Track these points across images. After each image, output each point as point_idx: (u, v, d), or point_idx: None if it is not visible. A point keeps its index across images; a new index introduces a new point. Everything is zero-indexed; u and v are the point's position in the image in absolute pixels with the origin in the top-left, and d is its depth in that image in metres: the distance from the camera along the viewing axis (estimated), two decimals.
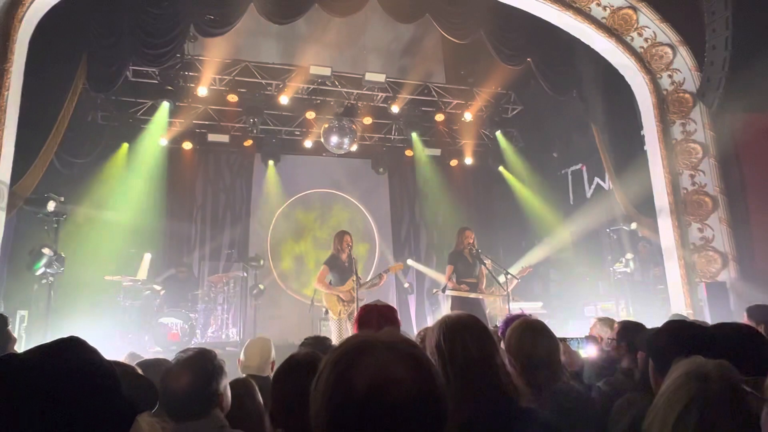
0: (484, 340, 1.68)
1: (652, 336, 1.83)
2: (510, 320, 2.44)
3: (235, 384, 2.38)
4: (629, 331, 2.69)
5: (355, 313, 6.21)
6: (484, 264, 6.85)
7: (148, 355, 6.14)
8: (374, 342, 0.90)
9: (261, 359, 2.93)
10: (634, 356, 2.35)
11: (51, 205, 5.94)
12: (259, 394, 2.44)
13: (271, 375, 2.83)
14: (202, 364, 2.02)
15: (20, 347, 5.51)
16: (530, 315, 2.61)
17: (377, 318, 2.65)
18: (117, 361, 1.71)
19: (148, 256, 8.28)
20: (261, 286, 9.06)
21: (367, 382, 0.84)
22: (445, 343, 1.67)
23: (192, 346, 2.17)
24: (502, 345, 2.14)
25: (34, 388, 0.86)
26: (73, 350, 0.95)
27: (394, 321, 2.72)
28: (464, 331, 1.69)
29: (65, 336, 0.98)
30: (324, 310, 6.88)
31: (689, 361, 1.19)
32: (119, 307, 7.62)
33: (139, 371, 1.89)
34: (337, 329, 6.39)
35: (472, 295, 6.64)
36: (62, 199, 6.15)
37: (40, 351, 0.93)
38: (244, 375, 2.80)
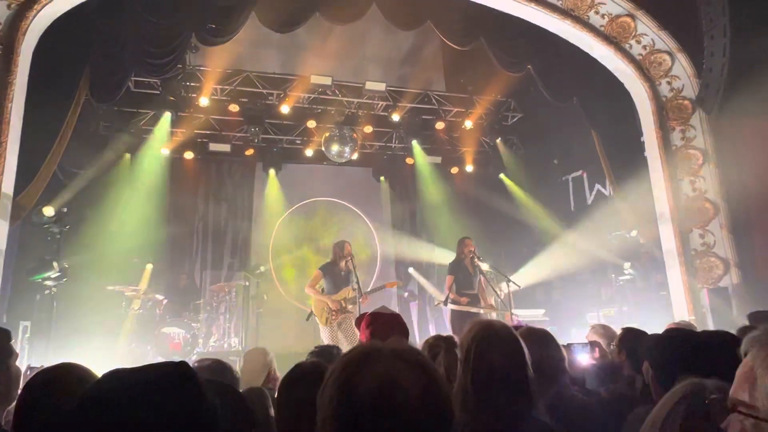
0: (515, 352, 1.67)
1: (651, 345, 1.84)
2: None
3: (249, 393, 2.38)
4: (630, 338, 2.68)
5: (349, 321, 6.26)
6: (484, 275, 6.82)
7: None
8: (380, 350, 0.92)
9: (253, 374, 2.90)
10: (636, 363, 2.36)
11: (49, 210, 5.95)
12: (272, 405, 2.43)
13: (272, 385, 2.83)
14: (222, 376, 2.01)
15: (23, 358, 5.52)
16: (526, 324, 2.61)
17: (385, 326, 2.65)
18: (221, 384, 1.65)
19: (149, 267, 8.30)
20: (265, 297, 9.05)
21: (373, 389, 0.85)
22: (474, 351, 1.66)
23: (194, 357, 2.17)
24: None
25: (137, 418, 0.81)
26: (183, 382, 0.88)
27: (403, 329, 2.72)
28: (496, 342, 1.68)
29: (175, 361, 0.92)
30: (313, 314, 6.83)
31: (691, 380, 1.20)
32: (122, 317, 7.62)
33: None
34: (329, 337, 6.36)
35: (474, 310, 6.59)
36: (65, 209, 6.18)
37: (152, 377, 0.87)
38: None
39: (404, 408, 0.85)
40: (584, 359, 3.02)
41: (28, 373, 2.74)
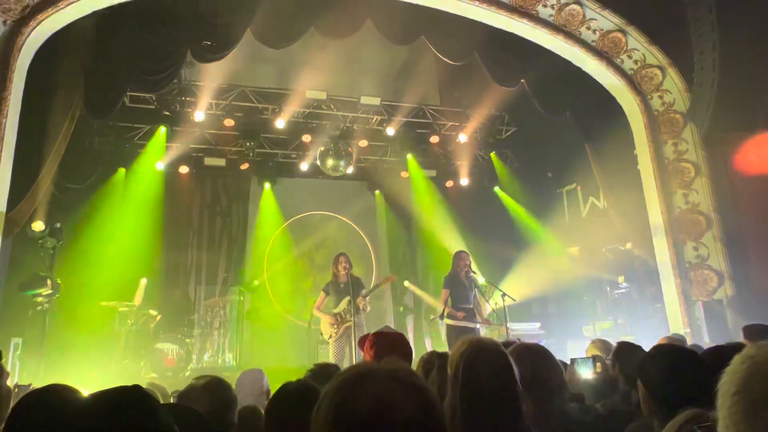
0: (503, 369, 1.67)
1: (642, 361, 1.84)
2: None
3: (243, 412, 2.36)
4: (625, 353, 2.68)
5: (352, 336, 6.23)
6: (479, 288, 6.81)
7: (143, 381, 6.07)
8: (376, 371, 0.92)
9: (252, 396, 2.88)
10: (630, 377, 2.35)
11: (38, 225, 5.91)
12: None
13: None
14: (220, 393, 1.99)
15: (14, 376, 5.44)
16: (518, 339, 2.60)
17: (389, 346, 2.63)
18: (187, 408, 1.67)
19: (144, 281, 8.24)
20: (260, 312, 9.00)
21: (368, 409, 0.85)
22: (463, 368, 1.67)
23: (200, 372, 2.15)
24: None
25: None
26: (136, 405, 0.91)
27: (407, 348, 2.70)
28: (484, 358, 1.68)
29: (128, 385, 0.94)
30: (321, 333, 6.85)
31: (693, 410, 1.19)
32: (115, 333, 7.55)
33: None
34: (333, 351, 6.34)
35: (470, 324, 6.58)
36: (59, 224, 6.15)
37: (103, 405, 0.89)
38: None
39: (399, 429, 0.84)
40: (587, 374, 3.01)
41: (16, 390, 2.70)
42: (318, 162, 9.72)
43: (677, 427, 1.12)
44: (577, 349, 7.06)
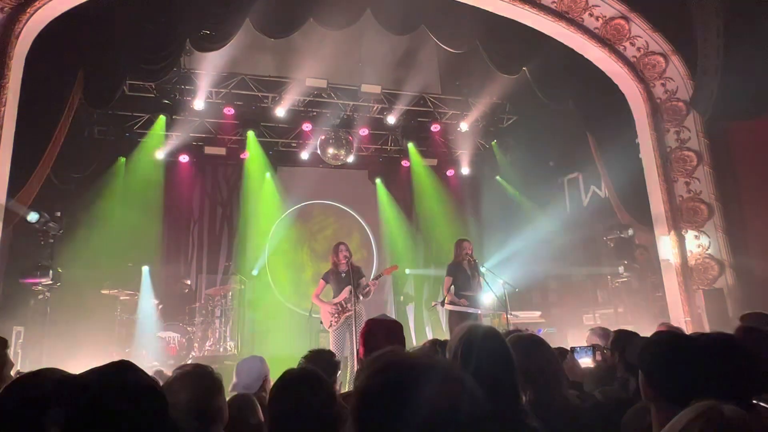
0: (502, 356, 1.67)
1: (641, 348, 1.84)
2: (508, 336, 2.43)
3: (235, 400, 2.37)
4: (622, 340, 2.69)
5: (353, 325, 6.25)
6: (483, 276, 6.81)
7: (146, 370, 6.11)
8: (432, 366, 0.89)
9: (249, 378, 2.91)
10: (628, 365, 2.36)
11: (32, 216, 5.90)
12: (260, 411, 2.42)
13: (263, 393, 2.83)
14: (201, 380, 2.00)
15: (16, 364, 5.47)
16: (526, 330, 2.61)
17: (385, 334, 2.62)
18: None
19: (146, 269, 8.26)
20: (261, 302, 9.02)
21: (433, 409, 0.83)
22: (462, 354, 1.66)
23: (190, 362, 2.16)
24: None
25: (94, 404, 0.92)
26: (125, 371, 1.00)
27: (401, 337, 2.70)
28: (483, 345, 1.68)
29: (116, 360, 1.04)
30: (320, 321, 6.86)
31: (706, 402, 1.16)
32: (116, 322, 7.58)
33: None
34: (333, 340, 6.36)
35: (471, 310, 6.59)
36: (59, 213, 6.15)
37: (95, 372, 0.98)
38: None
39: (465, 426, 0.84)
40: (586, 362, 3.03)
41: None
42: (318, 151, 9.70)
43: (693, 415, 1.08)
44: (577, 337, 7.08)
